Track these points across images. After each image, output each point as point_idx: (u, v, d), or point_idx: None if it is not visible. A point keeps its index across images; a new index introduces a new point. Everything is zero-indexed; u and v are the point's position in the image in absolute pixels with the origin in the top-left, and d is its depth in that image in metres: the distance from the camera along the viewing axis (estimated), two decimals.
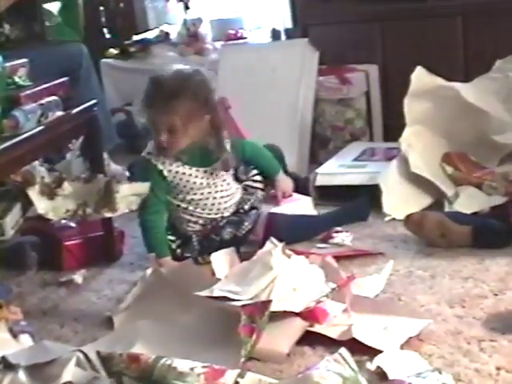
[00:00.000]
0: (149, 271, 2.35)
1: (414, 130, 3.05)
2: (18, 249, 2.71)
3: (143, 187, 2.60)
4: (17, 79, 2.52)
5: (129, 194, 2.54)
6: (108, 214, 2.52)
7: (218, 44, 4.35)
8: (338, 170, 3.17)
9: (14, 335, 2.01)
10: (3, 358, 1.81)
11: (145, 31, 4.65)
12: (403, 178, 2.99)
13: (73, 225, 2.73)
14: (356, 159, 3.29)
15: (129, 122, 4.24)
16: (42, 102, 2.43)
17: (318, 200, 3.05)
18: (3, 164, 2.22)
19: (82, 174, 2.63)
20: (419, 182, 2.94)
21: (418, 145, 3.03)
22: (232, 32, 4.41)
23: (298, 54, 3.68)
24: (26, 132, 2.30)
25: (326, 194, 3.09)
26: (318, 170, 3.18)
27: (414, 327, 1.95)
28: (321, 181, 3.12)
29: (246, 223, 2.67)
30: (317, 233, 2.76)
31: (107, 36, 4.63)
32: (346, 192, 3.00)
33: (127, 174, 2.76)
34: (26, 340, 2.01)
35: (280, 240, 2.33)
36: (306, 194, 3.04)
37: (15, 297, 2.44)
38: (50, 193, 2.54)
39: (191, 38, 4.41)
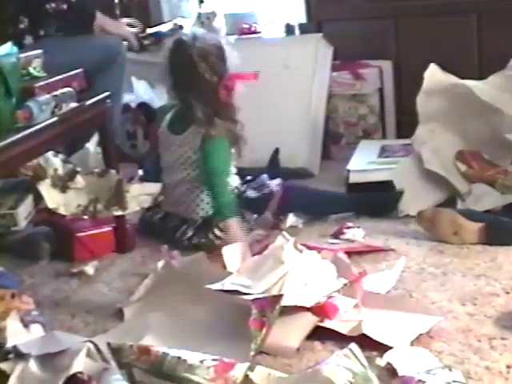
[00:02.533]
0: (160, 264, 2.36)
1: (428, 128, 3.04)
2: (30, 239, 2.73)
3: (154, 187, 2.61)
4: (31, 70, 2.52)
5: (139, 193, 2.55)
6: (118, 212, 2.53)
7: (232, 38, 4.33)
8: (369, 167, 3.17)
9: (26, 325, 2.01)
10: (15, 347, 1.82)
11: (159, 24, 4.64)
12: (416, 174, 2.99)
13: (85, 216, 2.73)
14: (380, 156, 3.29)
15: None
16: (57, 93, 2.43)
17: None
18: (16, 155, 2.22)
19: (97, 167, 2.63)
20: (432, 178, 2.93)
21: (432, 142, 3.02)
22: (246, 26, 4.38)
23: (312, 49, 3.67)
24: (40, 123, 2.30)
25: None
26: (349, 168, 3.17)
27: (425, 324, 1.95)
28: (354, 178, 3.12)
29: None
30: (332, 211, 2.86)
31: None
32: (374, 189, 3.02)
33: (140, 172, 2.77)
34: (37, 330, 2.02)
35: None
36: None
37: (27, 287, 2.45)
38: (62, 186, 2.55)
39: (205, 32, 4.40)
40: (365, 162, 3.24)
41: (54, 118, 2.35)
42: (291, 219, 2.71)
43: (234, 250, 2.40)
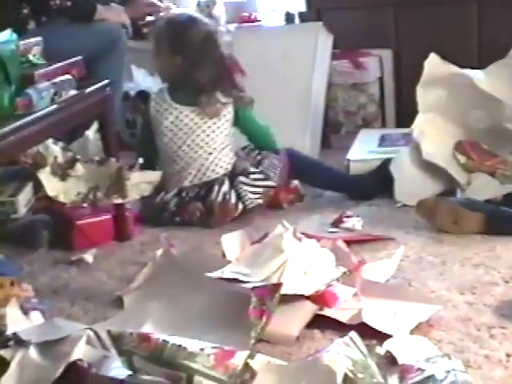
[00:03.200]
0: (159, 252, 2.36)
1: (427, 118, 3.04)
2: (29, 227, 2.72)
3: (155, 175, 2.62)
4: (31, 58, 2.52)
5: (140, 181, 2.55)
6: (118, 201, 2.53)
7: (232, 26, 4.32)
8: (370, 156, 3.16)
9: (25, 312, 2.01)
10: (14, 334, 1.82)
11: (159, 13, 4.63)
12: (415, 164, 2.99)
13: (85, 204, 2.73)
14: (380, 145, 3.29)
15: None
16: (56, 80, 2.42)
17: None
18: (16, 142, 2.21)
19: (97, 155, 2.62)
20: (431, 168, 2.93)
21: (431, 132, 3.02)
22: (246, 15, 4.38)
23: (312, 37, 3.66)
24: (40, 110, 2.29)
25: None
26: (349, 157, 3.17)
27: (424, 313, 1.95)
28: (354, 167, 3.12)
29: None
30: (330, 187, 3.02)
31: None
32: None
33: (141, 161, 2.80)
34: (36, 317, 2.02)
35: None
36: None
37: (26, 274, 2.45)
38: (62, 173, 2.55)
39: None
40: (365, 152, 3.24)
41: (54, 106, 2.35)
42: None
43: (232, 239, 2.40)
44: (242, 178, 2.87)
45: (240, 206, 2.85)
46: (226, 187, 2.84)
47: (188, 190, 2.87)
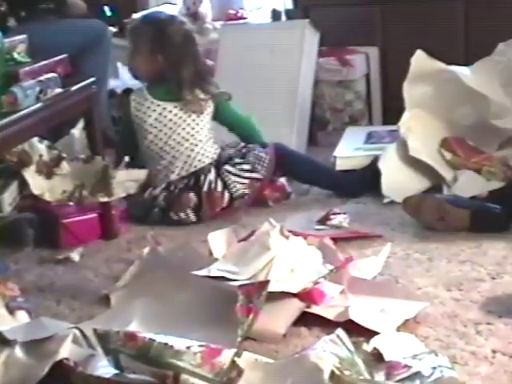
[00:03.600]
0: (146, 250, 2.35)
1: (414, 114, 3.04)
2: (15, 226, 2.71)
3: (140, 174, 2.61)
4: (16, 55, 2.51)
5: (126, 179, 2.54)
6: (104, 199, 2.53)
7: (218, 24, 4.32)
8: (356, 154, 3.16)
9: (11, 311, 2.00)
10: (0, 333, 1.81)
11: (144, 10, 4.62)
12: (402, 161, 2.99)
13: (70, 202, 2.72)
14: (367, 142, 3.29)
15: None
16: (41, 78, 2.41)
17: None
18: (1, 140, 2.20)
19: (82, 153, 2.61)
20: (418, 165, 2.94)
21: (417, 128, 3.03)
22: (232, 12, 4.38)
23: (299, 35, 3.66)
24: (25, 108, 2.28)
25: None
26: (335, 154, 3.17)
27: (411, 309, 1.96)
28: (341, 164, 3.11)
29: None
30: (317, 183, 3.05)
31: (108, 14, 4.59)
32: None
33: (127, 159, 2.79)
34: (22, 316, 2.01)
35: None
36: None
37: (12, 273, 2.43)
38: (47, 172, 2.54)
39: (191, 17, 4.38)
40: (351, 149, 3.24)
41: (39, 104, 2.34)
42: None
43: (219, 237, 2.40)
44: (227, 167, 2.89)
45: (226, 195, 2.85)
46: (212, 176, 2.86)
47: (176, 183, 2.86)
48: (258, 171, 2.91)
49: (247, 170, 2.90)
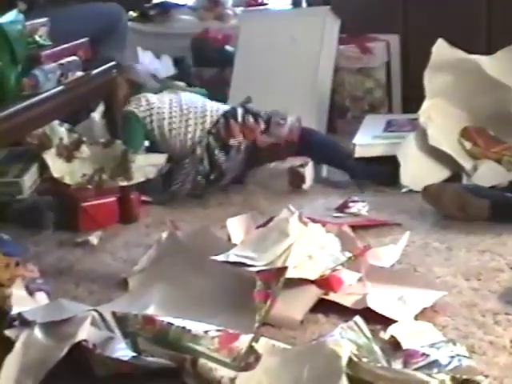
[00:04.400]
0: (164, 234, 2.36)
1: (434, 103, 3.03)
2: (34, 208, 2.72)
3: (159, 158, 2.61)
4: (37, 38, 2.50)
5: (145, 164, 2.55)
6: (123, 183, 2.54)
7: (239, 10, 4.31)
8: (375, 141, 3.15)
9: (31, 293, 2.02)
10: (20, 314, 1.83)
11: None
12: (421, 150, 2.98)
13: (90, 186, 2.73)
14: (386, 130, 3.28)
15: None
16: (62, 61, 2.41)
17: None
18: (22, 123, 2.21)
19: (102, 137, 2.62)
20: (438, 154, 2.92)
21: (438, 118, 3.01)
22: None
23: (319, 21, 3.64)
24: (46, 92, 2.28)
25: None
26: (354, 142, 3.16)
27: (429, 298, 1.95)
28: (360, 152, 3.10)
29: None
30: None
31: None
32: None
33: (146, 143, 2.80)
34: (41, 298, 2.03)
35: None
36: None
37: (32, 256, 2.44)
38: (67, 155, 2.55)
39: (211, 2, 4.38)
40: (370, 137, 3.22)
41: (60, 87, 2.34)
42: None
43: (237, 222, 2.40)
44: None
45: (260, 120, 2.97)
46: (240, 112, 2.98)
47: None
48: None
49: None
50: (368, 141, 3.18)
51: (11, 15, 2.30)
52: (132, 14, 4.43)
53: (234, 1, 4.45)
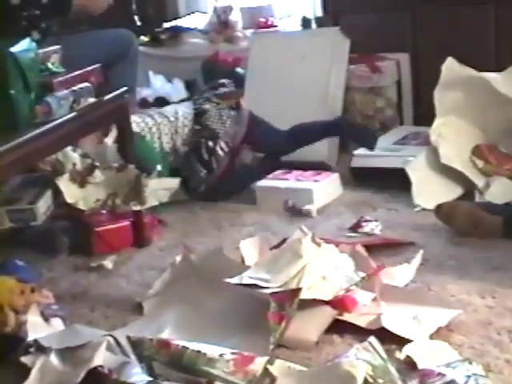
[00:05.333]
0: (178, 258, 2.36)
1: (445, 121, 3.03)
2: (49, 234, 2.74)
3: (173, 182, 2.63)
4: (50, 65, 2.53)
5: (158, 188, 2.56)
6: (136, 207, 2.55)
7: (249, 32, 4.34)
8: (374, 153, 3.17)
9: (46, 319, 2.03)
10: (35, 341, 1.84)
11: (175, 19, 4.65)
12: (433, 168, 2.98)
13: (103, 211, 2.74)
14: (396, 142, 3.29)
15: None
16: (75, 88, 2.43)
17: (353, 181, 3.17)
18: (36, 149, 2.24)
19: (115, 162, 2.64)
20: (450, 172, 2.92)
21: (449, 135, 3.01)
22: (262, 20, 4.39)
23: (329, 42, 3.66)
24: (59, 118, 2.31)
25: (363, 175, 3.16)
26: (355, 152, 3.19)
27: (444, 317, 1.95)
28: (356, 162, 3.16)
29: None
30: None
31: (138, 23, 4.63)
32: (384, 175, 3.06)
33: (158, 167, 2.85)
34: (57, 324, 2.04)
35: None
36: None
37: (46, 281, 2.46)
38: (80, 180, 2.57)
39: (221, 25, 4.41)
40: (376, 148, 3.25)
41: (73, 113, 2.36)
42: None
43: (251, 244, 2.41)
44: None
45: None
46: None
47: None
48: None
49: None
50: (367, 152, 3.19)
51: (24, 44, 2.33)
52: (143, 38, 4.46)
53: (245, 23, 4.47)
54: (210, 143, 3.07)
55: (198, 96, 3.31)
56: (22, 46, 2.32)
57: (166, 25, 4.54)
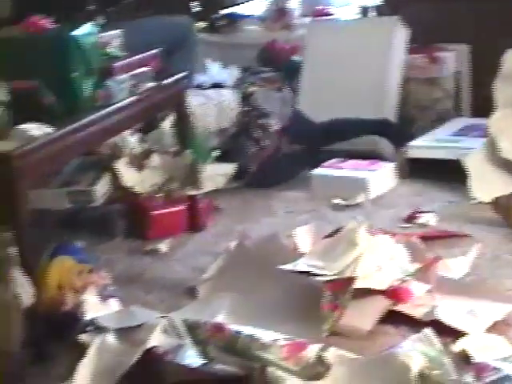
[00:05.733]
0: (232, 243, 2.38)
1: (505, 113, 2.98)
2: (105, 216, 2.77)
3: (228, 168, 2.64)
4: (110, 50, 2.56)
5: (214, 173, 2.58)
6: (192, 192, 2.56)
7: (306, 20, 4.32)
8: (430, 144, 3.15)
9: (103, 299, 2.06)
10: (93, 320, 1.87)
11: (233, 6, 4.66)
12: (491, 160, 2.94)
13: (159, 195, 2.77)
14: (454, 134, 3.26)
15: None
16: (134, 72, 2.46)
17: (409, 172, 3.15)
18: (95, 133, 2.27)
19: (172, 147, 2.66)
20: (508, 165, 2.88)
21: (509, 129, 2.97)
22: (320, 8, 4.37)
23: (387, 31, 3.62)
24: (119, 102, 2.34)
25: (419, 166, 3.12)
26: (411, 143, 3.16)
27: (501, 311, 1.92)
28: (412, 154, 3.13)
29: None
30: None
31: (196, 10, 4.65)
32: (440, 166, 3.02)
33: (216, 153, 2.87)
34: (113, 304, 2.06)
35: None
36: None
37: (103, 263, 2.49)
38: (138, 164, 2.60)
39: (279, 13, 4.40)
40: (432, 139, 3.21)
41: (132, 98, 2.39)
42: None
43: (305, 232, 2.41)
44: None
45: None
46: None
47: None
48: None
49: None
50: (424, 143, 3.16)
51: (86, 28, 2.36)
52: (200, 25, 4.48)
53: (302, 11, 4.45)
54: (261, 121, 3.07)
55: (242, 80, 3.31)
56: (85, 31, 2.36)
57: (223, 11, 4.55)
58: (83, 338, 1.82)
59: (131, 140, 2.68)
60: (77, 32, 2.31)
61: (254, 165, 3.10)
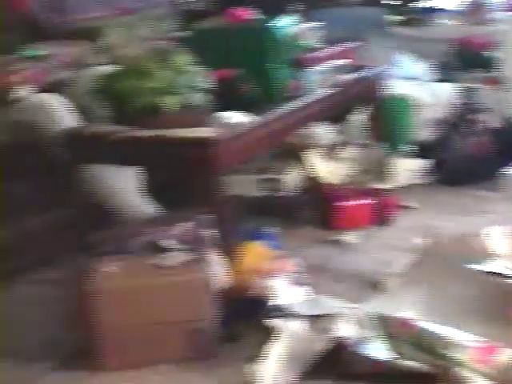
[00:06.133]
0: (419, 240, 2.33)
1: None
2: (293, 205, 2.82)
3: (421, 163, 2.59)
4: (306, 42, 2.59)
5: (406, 168, 2.55)
6: (384, 186, 2.55)
7: (502, 14, 4.15)
8: None
9: (289, 286, 2.09)
10: (281, 306, 1.90)
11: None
12: None
13: (350, 186, 2.78)
14: None
15: None
16: (330, 64, 2.47)
17: None
18: (288, 123, 2.30)
19: (362, 140, 2.66)
20: None
21: None
22: None
23: None
24: (312, 93, 2.35)
25: None
26: None
27: None
28: None
29: None
30: None
31: (389, 3, 4.60)
32: None
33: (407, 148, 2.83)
34: (299, 292, 2.09)
35: None
36: None
37: (289, 250, 2.52)
38: (330, 155, 2.61)
39: (474, 7, 4.27)
40: None
41: (327, 90, 2.40)
42: None
43: (498, 233, 2.33)
44: None
45: None
46: None
47: None
48: None
49: None
50: None
51: (285, 20, 2.40)
52: (395, 18, 4.43)
53: (499, 5, 4.29)
54: (472, 116, 3.00)
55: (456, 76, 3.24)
56: (282, 23, 2.40)
57: (417, 5, 4.48)
58: (272, 322, 1.86)
59: (322, 131, 2.70)
60: (275, 23, 2.35)
61: (454, 160, 3.02)
